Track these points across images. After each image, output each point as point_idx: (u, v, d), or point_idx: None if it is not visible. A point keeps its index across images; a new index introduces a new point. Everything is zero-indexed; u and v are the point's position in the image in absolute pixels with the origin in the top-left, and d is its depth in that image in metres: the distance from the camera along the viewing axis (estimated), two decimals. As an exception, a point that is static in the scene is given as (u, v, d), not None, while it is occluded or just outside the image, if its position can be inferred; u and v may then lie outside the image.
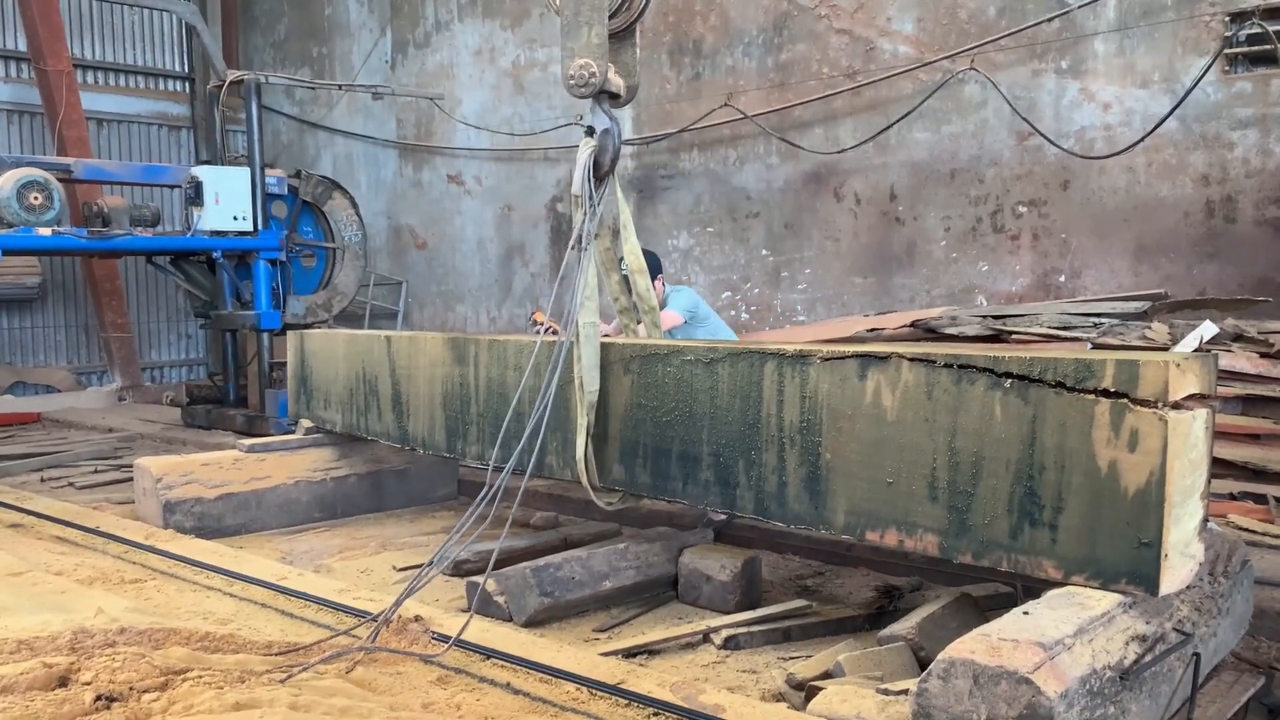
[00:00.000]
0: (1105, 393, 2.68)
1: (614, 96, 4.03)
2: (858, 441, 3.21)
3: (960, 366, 2.96)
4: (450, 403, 4.86)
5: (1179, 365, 2.63)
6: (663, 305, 6.10)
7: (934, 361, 3.02)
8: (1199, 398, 2.72)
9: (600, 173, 4.01)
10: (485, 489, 3.79)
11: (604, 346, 4.03)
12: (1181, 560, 2.69)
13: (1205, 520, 2.82)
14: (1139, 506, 2.63)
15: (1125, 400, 2.65)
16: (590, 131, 3.98)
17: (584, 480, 4.02)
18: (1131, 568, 2.65)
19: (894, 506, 3.12)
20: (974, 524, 2.93)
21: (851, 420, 3.23)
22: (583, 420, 3.97)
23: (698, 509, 4.60)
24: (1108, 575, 2.69)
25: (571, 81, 3.91)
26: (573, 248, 3.95)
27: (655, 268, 5.99)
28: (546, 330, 6.11)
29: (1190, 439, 2.67)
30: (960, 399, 2.96)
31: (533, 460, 3.85)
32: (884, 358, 3.15)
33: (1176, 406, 2.62)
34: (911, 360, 3.08)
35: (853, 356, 3.23)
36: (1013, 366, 2.85)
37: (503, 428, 4.15)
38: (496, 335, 4.83)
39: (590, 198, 3.95)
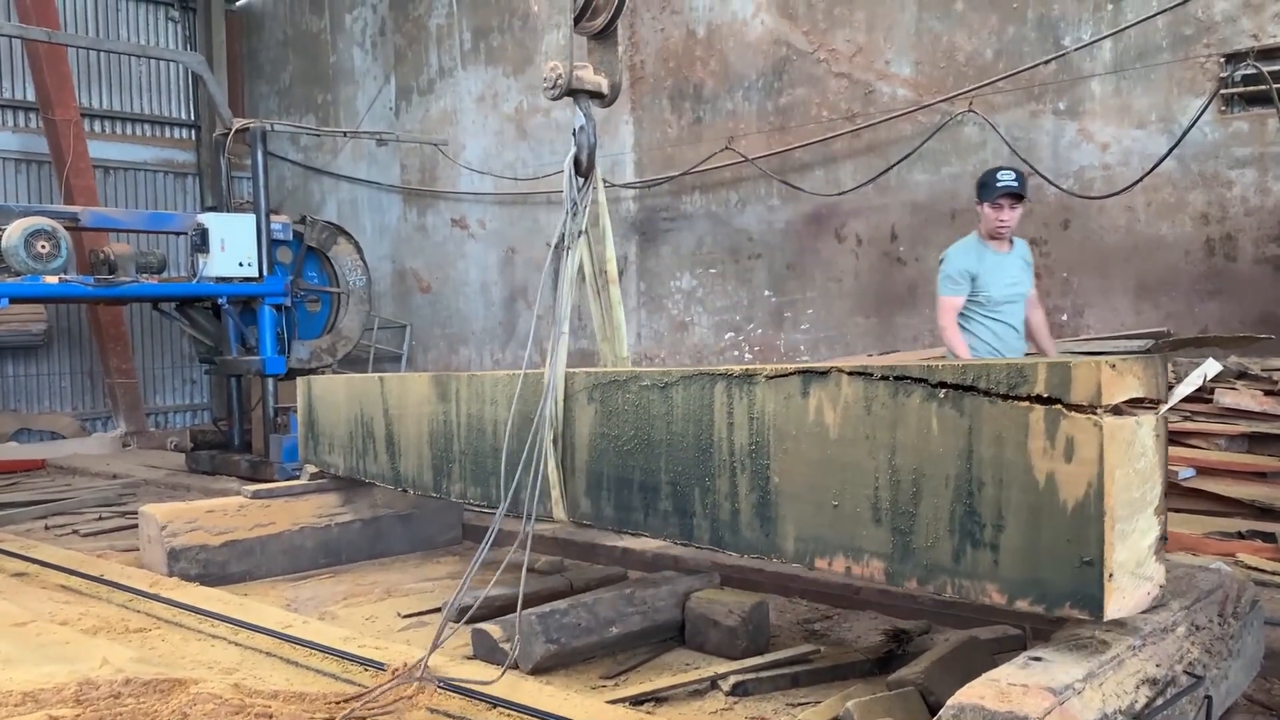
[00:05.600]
0: (1039, 399, 2.56)
1: (597, 95, 4.08)
2: (804, 463, 3.12)
3: (896, 379, 2.88)
4: (436, 441, 4.82)
5: (1115, 366, 2.51)
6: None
7: (871, 375, 2.95)
8: (1146, 403, 2.60)
9: (580, 170, 4.07)
10: (489, 535, 3.79)
11: (567, 376, 3.97)
12: (1133, 581, 2.56)
13: (1163, 538, 2.68)
14: (1079, 521, 2.49)
15: (1059, 406, 2.52)
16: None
17: (553, 494, 3.96)
18: (1075, 589, 2.51)
19: (840, 531, 3.02)
20: (917, 547, 2.83)
21: (797, 440, 3.15)
22: (548, 434, 3.90)
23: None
24: (1052, 599, 2.57)
25: (544, 84, 3.97)
26: (554, 247, 3.98)
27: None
28: None
29: (1134, 447, 2.53)
30: (898, 413, 2.87)
31: (509, 497, 3.86)
32: (824, 373, 3.07)
33: (1116, 411, 2.50)
34: (850, 374, 3.00)
35: (795, 373, 3.16)
36: (947, 375, 2.76)
37: (507, 463, 4.13)
38: (478, 371, 4.80)
39: (572, 198, 4.00)
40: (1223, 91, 6.24)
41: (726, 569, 5.06)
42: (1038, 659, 2.53)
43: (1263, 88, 6.02)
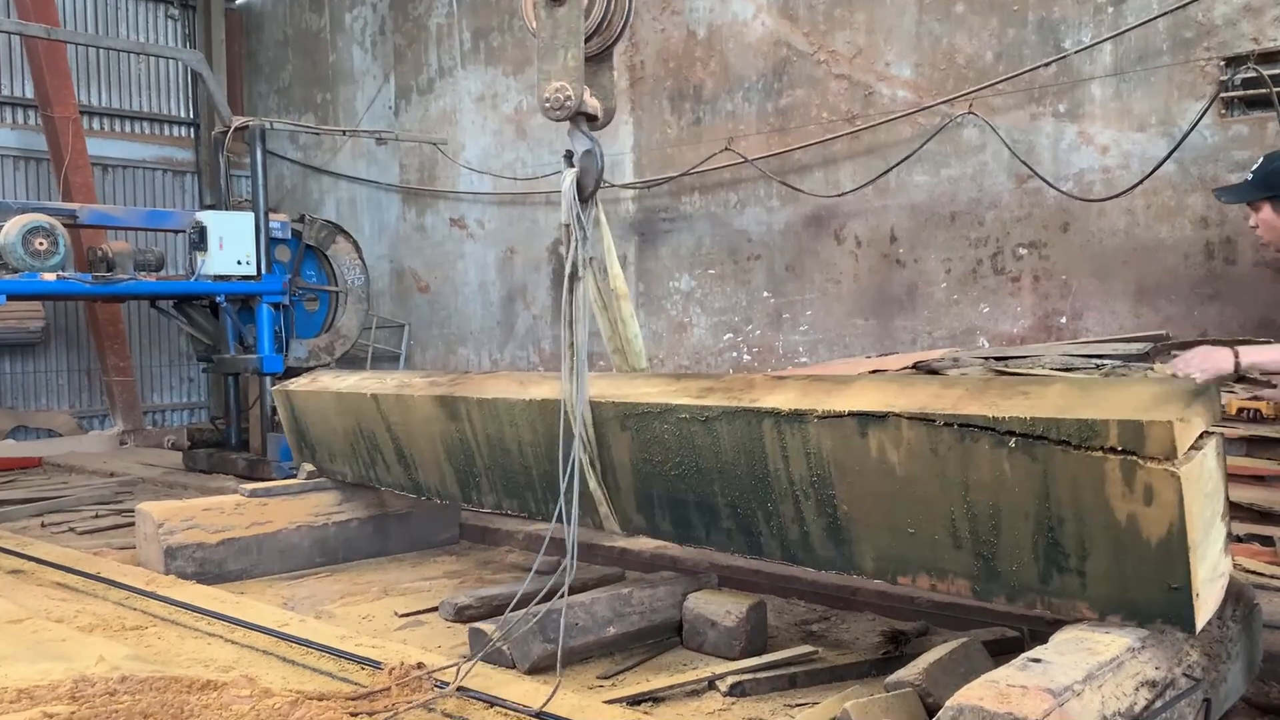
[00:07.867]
0: (1113, 449, 2.63)
1: (591, 119, 4.00)
2: (871, 495, 3.15)
3: (961, 425, 2.88)
4: (454, 457, 4.78)
5: (1183, 420, 2.57)
6: None
7: (934, 421, 2.94)
8: (1207, 433, 2.72)
9: (584, 195, 3.93)
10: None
11: (595, 405, 3.91)
12: (1211, 587, 2.72)
13: (1229, 535, 2.83)
14: (1163, 555, 2.61)
15: (1134, 457, 2.61)
16: (570, 157, 3.92)
17: (600, 510, 3.97)
18: (1165, 610, 2.67)
19: (921, 553, 3.08)
20: (1002, 570, 2.92)
21: (860, 475, 3.16)
22: (583, 456, 3.87)
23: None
24: (1143, 615, 2.71)
25: (547, 104, 3.85)
26: (569, 275, 3.92)
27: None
28: None
29: (1204, 474, 2.66)
30: (967, 456, 2.90)
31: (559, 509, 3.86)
32: (881, 416, 3.05)
33: (1187, 455, 2.60)
34: (910, 419, 2.99)
35: (850, 415, 3.13)
36: (1014, 426, 2.77)
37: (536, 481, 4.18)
38: (484, 391, 4.58)
39: (580, 223, 3.88)
40: (1223, 95, 6.24)
41: (724, 570, 5.05)
42: (1037, 660, 2.53)
43: (1263, 91, 6.02)
